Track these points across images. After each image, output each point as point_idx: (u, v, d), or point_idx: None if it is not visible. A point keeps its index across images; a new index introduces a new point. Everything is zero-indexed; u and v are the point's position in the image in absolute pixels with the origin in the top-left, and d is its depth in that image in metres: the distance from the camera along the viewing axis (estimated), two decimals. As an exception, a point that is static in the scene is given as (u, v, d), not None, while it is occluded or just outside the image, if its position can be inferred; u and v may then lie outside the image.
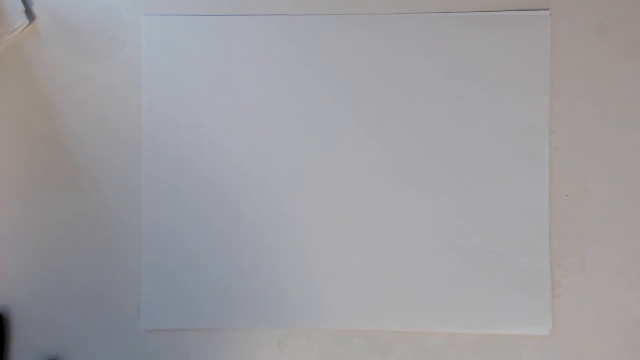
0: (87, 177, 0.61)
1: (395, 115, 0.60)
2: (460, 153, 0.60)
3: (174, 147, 0.61)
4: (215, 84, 0.61)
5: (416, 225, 0.59)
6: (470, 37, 0.60)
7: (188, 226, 0.60)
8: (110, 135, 0.61)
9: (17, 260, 0.61)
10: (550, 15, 0.60)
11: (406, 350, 0.59)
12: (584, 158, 0.60)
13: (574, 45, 0.60)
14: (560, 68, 0.60)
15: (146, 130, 0.61)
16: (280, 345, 0.60)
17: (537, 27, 0.60)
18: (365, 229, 0.60)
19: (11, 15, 0.60)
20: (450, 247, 0.59)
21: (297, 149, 0.60)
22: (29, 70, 0.62)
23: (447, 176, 0.60)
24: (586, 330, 0.59)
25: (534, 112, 0.60)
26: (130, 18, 0.62)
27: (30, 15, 0.62)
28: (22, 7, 0.61)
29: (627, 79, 0.60)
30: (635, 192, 0.59)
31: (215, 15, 0.61)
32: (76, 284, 0.60)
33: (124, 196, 0.61)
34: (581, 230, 0.59)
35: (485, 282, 0.59)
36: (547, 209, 0.59)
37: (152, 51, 0.61)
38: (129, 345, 0.60)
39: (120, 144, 0.61)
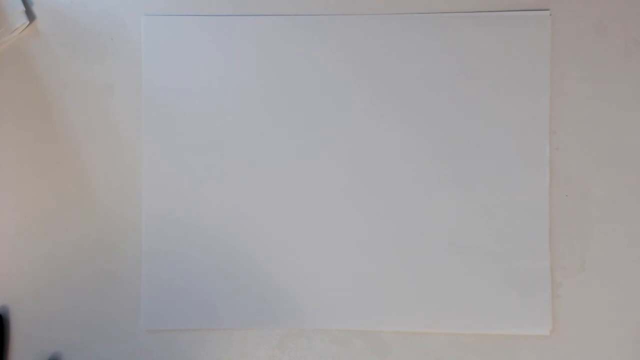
0: (87, 177, 0.61)
1: (394, 114, 0.60)
2: (460, 153, 0.60)
3: (174, 146, 0.61)
4: (215, 84, 0.61)
5: (416, 225, 0.59)
6: (471, 37, 0.60)
7: (188, 226, 0.60)
8: (110, 135, 0.61)
9: (17, 260, 0.61)
10: (550, 15, 0.60)
11: (406, 350, 0.59)
12: (584, 158, 0.60)
13: (574, 45, 0.60)
14: (560, 68, 0.60)
15: (146, 130, 0.61)
16: (280, 345, 0.60)
17: (537, 27, 0.60)
18: (365, 229, 0.60)
19: (11, 15, 0.60)
20: (450, 247, 0.59)
21: (298, 148, 0.60)
22: (29, 70, 0.62)
23: (447, 176, 0.60)
24: (586, 330, 0.59)
25: (534, 113, 0.60)
26: (130, 18, 0.62)
27: (30, 15, 0.62)
28: (22, 7, 0.61)
29: (627, 79, 0.60)
30: (635, 192, 0.59)
31: (215, 15, 0.61)
32: (76, 284, 0.60)
33: (124, 196, 0.61)
34: (581, 230, 0.59)
35: (485, 282, 0.59)
36: (547, 209, 0.59)
37: (152, 51, 0.61)
38: (129, 345, 0.60)
39: (120, 144, 0.61)
